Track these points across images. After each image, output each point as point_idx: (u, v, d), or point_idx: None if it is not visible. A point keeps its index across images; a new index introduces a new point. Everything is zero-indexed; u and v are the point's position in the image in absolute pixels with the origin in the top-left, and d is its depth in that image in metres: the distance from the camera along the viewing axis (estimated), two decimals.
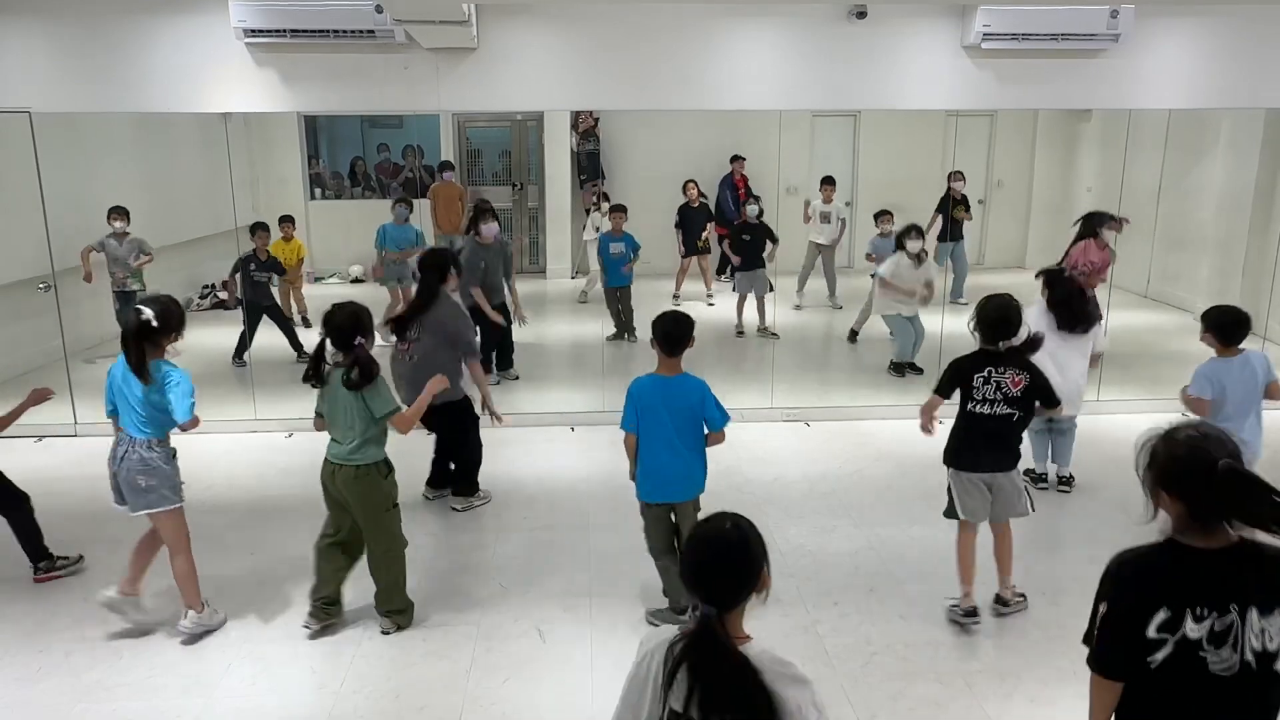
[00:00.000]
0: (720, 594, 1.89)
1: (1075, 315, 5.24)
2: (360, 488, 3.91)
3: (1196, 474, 1.98)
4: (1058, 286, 5.30)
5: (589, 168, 11.15)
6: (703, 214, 9.83)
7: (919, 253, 7.68)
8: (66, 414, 6.62)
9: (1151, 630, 1.99)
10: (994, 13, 6.33)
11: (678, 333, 3.91)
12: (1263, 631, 1.98)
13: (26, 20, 6.25)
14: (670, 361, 3.95)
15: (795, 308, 9.80)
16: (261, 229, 8.21)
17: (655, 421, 3.92)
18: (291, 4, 6.08)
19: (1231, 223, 9.10)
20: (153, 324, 3.78)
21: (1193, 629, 1.97)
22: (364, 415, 3.87)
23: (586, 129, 11.18)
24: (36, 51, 6.28)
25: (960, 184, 9.52)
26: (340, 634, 4.11)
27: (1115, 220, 6.63)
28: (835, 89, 6.68)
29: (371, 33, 6.17)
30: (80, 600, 4.40)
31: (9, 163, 6.64)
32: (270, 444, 6.56)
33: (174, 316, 3.88)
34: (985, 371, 3.98)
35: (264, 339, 8.13)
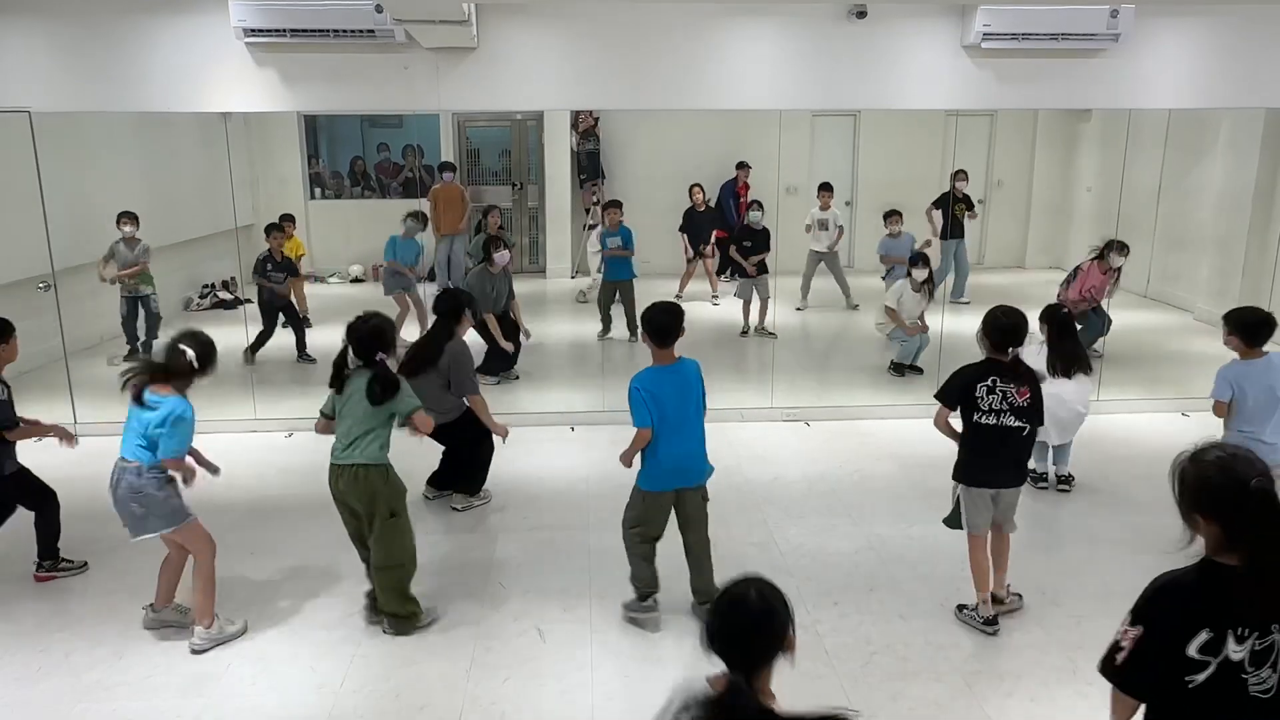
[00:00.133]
0: (747, 661, 1.94)
1: (1067, 362, 5.24)
2: (362, 489, 3.93)
3: (1228, 495, 1.97)
4: (1055, 324, 5.29)
5: (589, 167, 11.16)
6: (708, 218, 9.85)
7: (925, 281, 7.72)
8: (66, 414, 6.62)
9: (1193, 651, 1.97)
10: (994, 12, 6.33)
11: (667, 322, 3.93)
12: None
13: (26, 20, 6.25)
14: (664, 353, 3.98)
15: (797, 309, 9.80)
16: (277, 229, 8.24)
17: (673, 407, 3.94)
18: (291, 4, 6.07)
19: (1231, 223, 9.10)
20: (194, 365, 3.89)
21: (1235, 650, 1.96)
22: (379, 417, 3.91)
23: (586, 128, 11.19)
24: (36, 51, 6.28)
25: (963, 183, 9.54)
26: (340, 634, 4.11)
27: (1125, 248, 7.46)
28: (835, 89, 6.67)
29: (371, 32, 6.16)
30: (80, 600, 4.41)
31: (9, 163, 6.64)
32: (270, 444, 6.56)
33: (210, 360, 3.96)
34: (989, 381, 3.95)
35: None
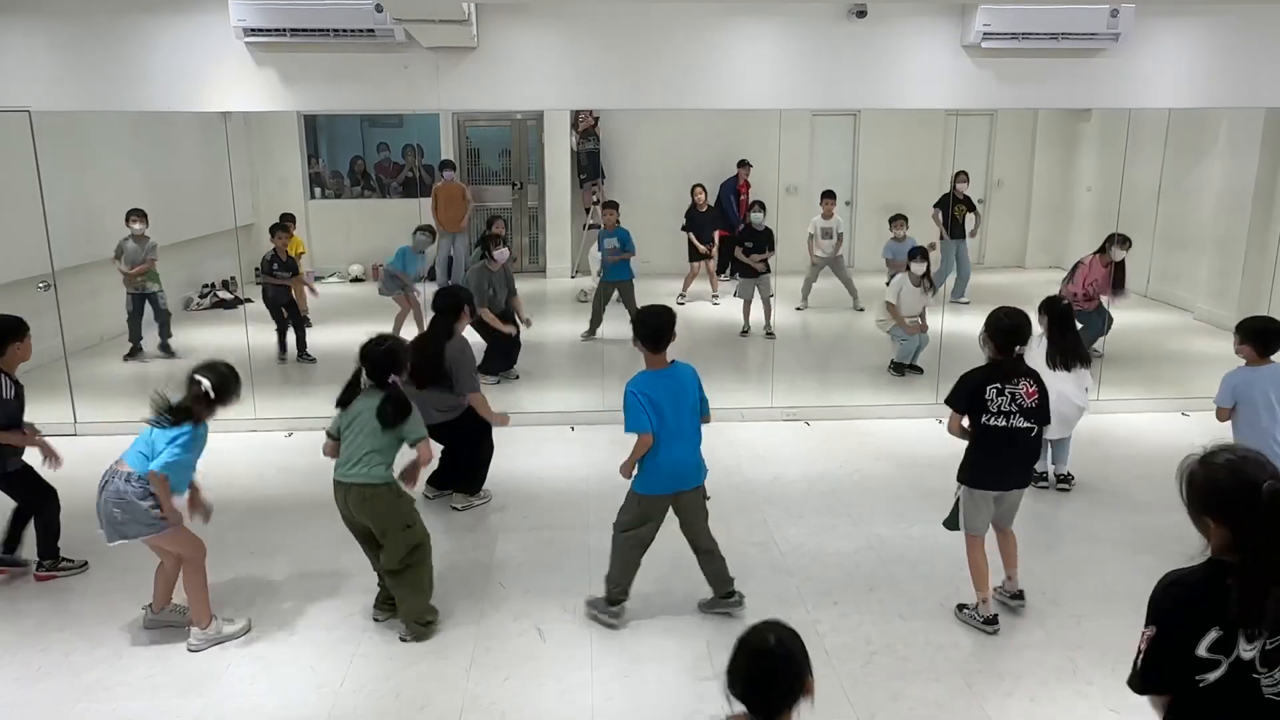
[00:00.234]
0: (768, 705, 1.98)
1: (1066, 354, 5.23)
2: (374, 508, 3.94)
3: (1239, 498, 1.96)
4: (1056, 316, 5.29)
5: (589, 167, 11.15)
6: (710, 218, 9.84)
7: (924, 275, 7.71)
8: (66, 413, 6.62)
9: (1203, 650, 1.97)
10: (994, 12, 6.33)
11: (659, 326, 3.95)
12: None
13: (26, 20, 6.25)
14: (657, 357, 3.99)
15: (797, 309, 9.80)
16: (281, 229, 8.24)
17: (670, 410, 3.94)
18: (291, 3, 6.07)
19: (1231, 223, 9.10)
20: (210, 395, 3.88)
21: (1246, 650, 1.96)
22: (381, 438, 3.91)
23: (586, 128, 11.18)
24: (36, 51, 6.28)
25: (964, 184, 9.55)
26: (340, 634, 4.11)
27: (1126, 241, 7.48)
28: (835, 88, 6.67)
29: (371, 32, 6.16)
30: (80, 600, 4.41)
31: (9, 162, 6.64)
32: (270, 444, 6.56)
33: (230, 392, 3.95)
34: (998, 383, 3.97)
35: (268, 338, 8.13)
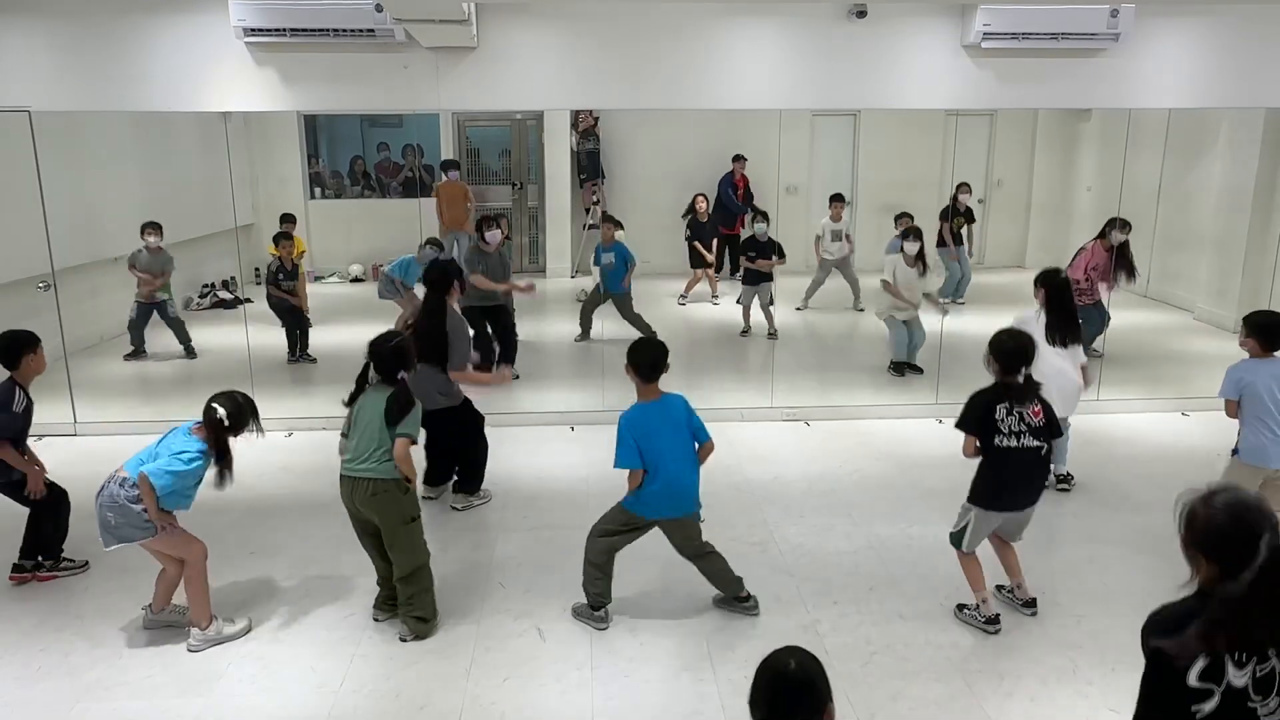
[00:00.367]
0: None
1: (1065, 321, 5.22)
2: (379, 504, 3.94)
3: (1236, 544, 1.98)
4: (1053, 288, 5.29)
5: (589, 167, 11.14)
6: (712, 229, 9.86)
7: (917, 254, 7.69)
8: (66, 413, 6.62)
9: (1193, 679, 1.98)
10: (994, 12, 6.33)
11: (651, 359, 3.98)
12: None
13: (26, 20, 6.25)
14: (649, 388, 4.02)
15: (797, 309, 9.79)
16: (285, 238, 8.24)
17: (661, 443, 3.96)
18: (291, 3, 6.07)
19: (1231, 223, 9.10)
20: (225, 423, 3.90)
21: (1236, 676, 1.97)
22: (385, 434, 3.92)
23: (586, 128, 11.17)
24: (36, 51, 6.28)
25: (966, 195, 9.54)
26: (340, 634, 4.11)
27: (1127, 225, 7.48)
28: (835, 88, 6.67)
29: (371, 32, 6.16)
30: (80, 600, 4.41)
31: (9, 162, 6.64)
32: (270, 443, 6.51)
33: (245, 421, 3.96)
34: (1006, 403, 3.96)
35: (267, 339, 8.13)
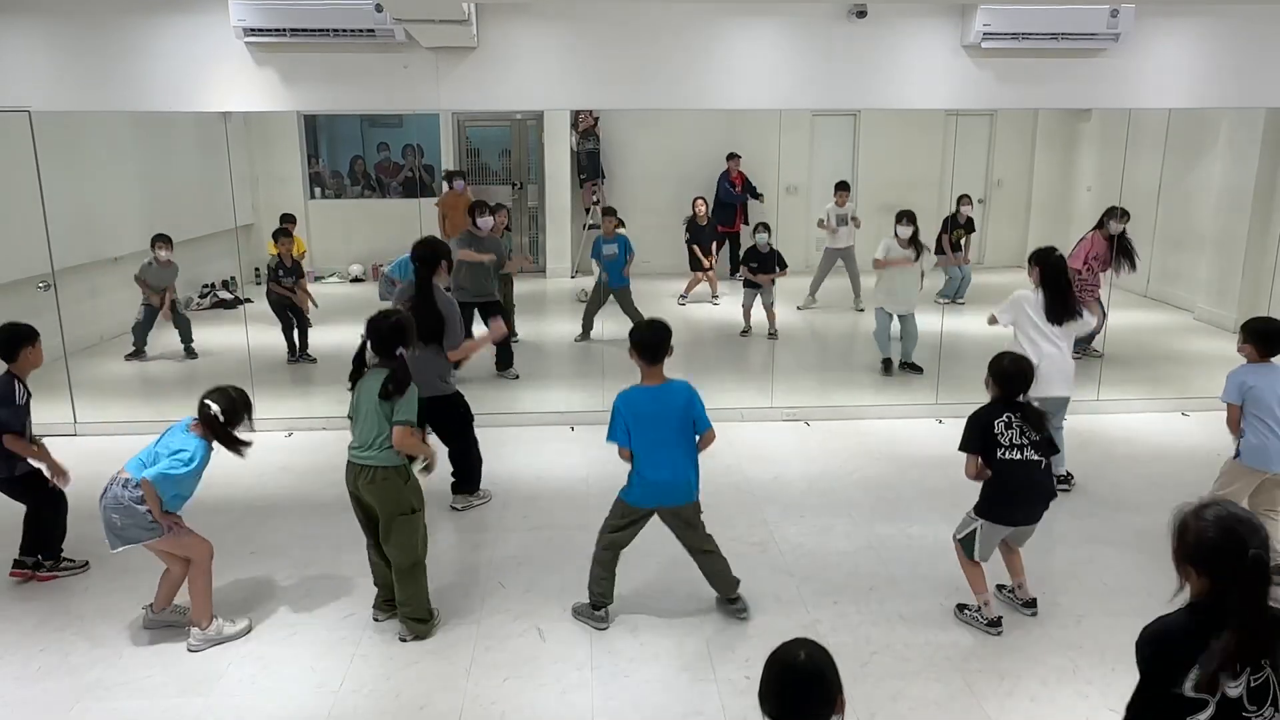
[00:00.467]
0: None
1: (1062, 300, 5.20)
2: (381, 491, 3.92)
3: (1225, 557, 2.00)
4: (1048, 267, 5.28)
5: (589, 167, 11.15)
6: (710, 229, 9.85)
7: (911, 238, 7.66)
8: (66, 413, 6.63)
9: (1188, 689, 2.00)
10: (994, 12, 6.33)
11: (654, 340, 3.93)
12: None
13: (26, 20, 6.25)
14: (653, 370, 3.97)
15: (798, 308, 9.79)
16: (285, 235, 8.23)
17: (653, 430, 3.93)
18: (291, 3, 6.07)
19: (1231, 223, 9.10)
20: (219, 418, 3.89)
21: (1231, 687, 1.99)
22: (388, 419, 3.91)
23: (586, 128, 11.18)
24: (36, 51, 6.28)
25: (968, 207, 9.55)
26: (340, 634, 4.11)
27: (1124, 213, 7.52)
28: (835, 88, 6.67)
29: (371, 32, 6.16)
30: (80, 600, 4.41)
31: (9, 162, 6.64)
32: (270, 443, 6.55)
33: (238, 414, 3.96)
34: (1005, 417, 3.97)
35: (267, 339, 8.14)
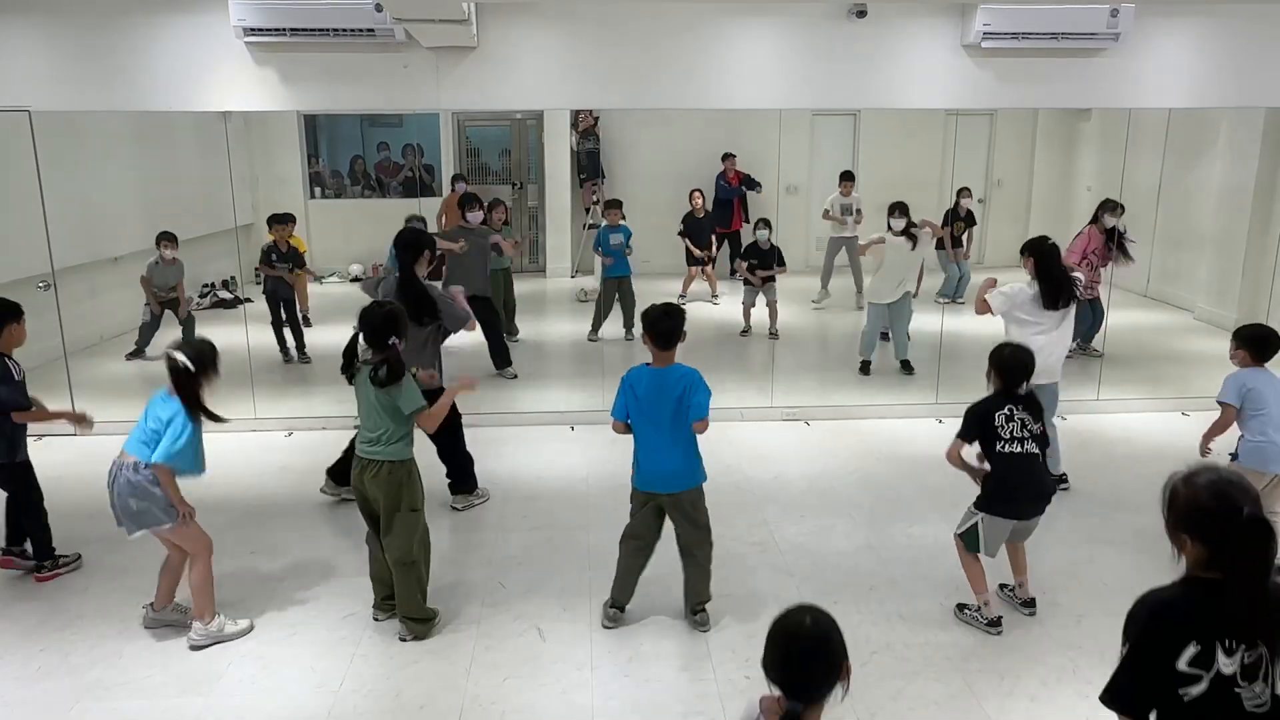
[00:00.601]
0: (805, 688, 1.98)
1: (1058, 288, 5.18)
2: (386, 485, 3.93)
3: (1218, 520, 1.98)
4: (1041, 256, 5.26)
5: (589, 166, 11.14)
6: (707, 224, 9.85)
7: (904, 229, 7.65)
8: None
9: (1183, 664, 1.99)
10: (994, 12, 6.33)
11: (668, 326, 3.90)
12: None
13: (26, 20, 6.24)
14: (664, 355, 3.95)
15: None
16: (279, 221, 8.23)
17: (652, 413, 3.92)
18: (291, 3, 6.06)
19: (1231, 222, 9.10)
20: (189, 369, 3.89)
21: (1225, 664, 1.98)
22: (390, 412, 3.90)
23: (586, 128, 11.17)
24: (36, 51, 6.28)
25: (968, 200, 9.55)
26: (340, 634, 4.11)
27: (1117, 206, 7.61)
28: (835, 88, 6.67)
29: (371, 31, 6.16)
30: (80, 600, 4.41)
31: (9, 162, 6.64)
32: (270, 443, 6.56)
33: (207, 362, 3.97)
34: (1006, 409, 3.97)
35: (268, 338, 8.14)
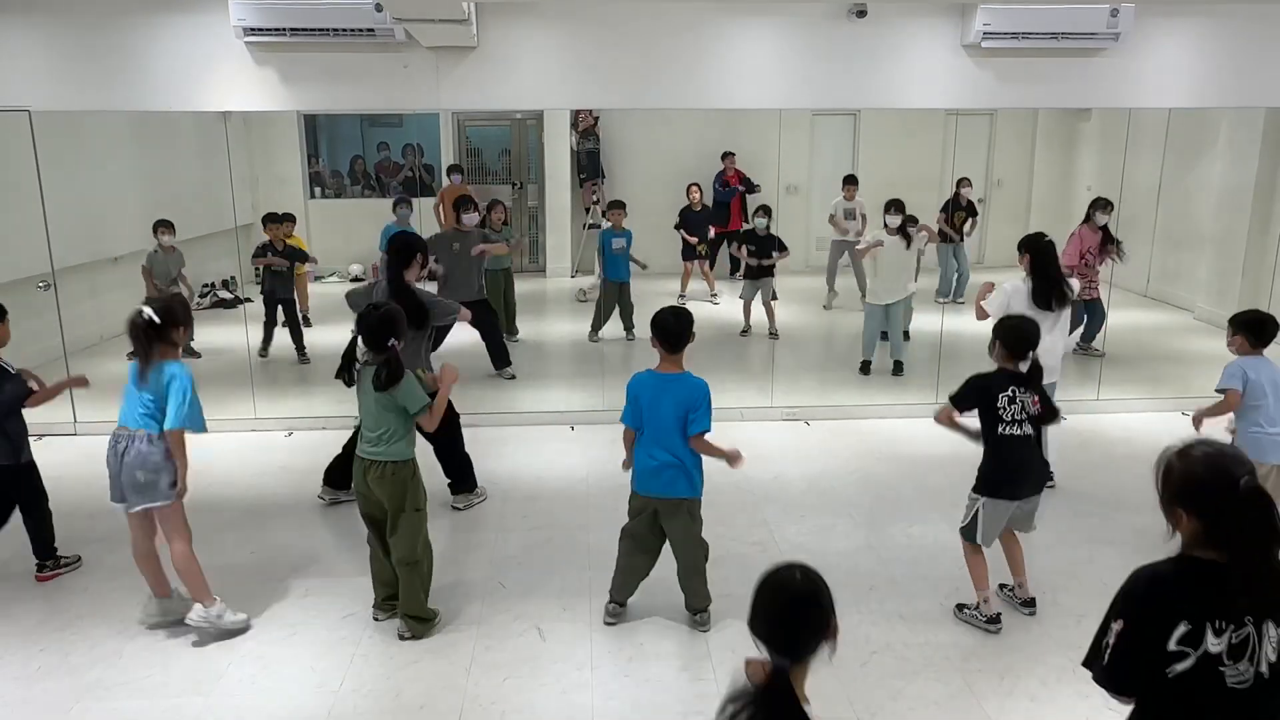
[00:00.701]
0: (792, 644, 1.95)
1: (1050, 287, 5.17)
2: (390, 486, 3.94)
3: (1214, 492, 1.97)
4: (1038, 253, 5.26)
5: (589, 166, 11.14)
6: (703, 216, 9.85)
7: (900, 227, 7.67)
8: (66, 413, 6.62)
9: (1172, 644, 1.99)
10: (994, 11, 6.33)
11: (677, 328, 3.90)
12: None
13: (26, 20, 6.25)
14: (672, 359, 3.94)
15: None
16: (273, 220, 8.21)
17: (653, 417, 3.92)
18: (291, 3, 6.06)
19: (1231, 222, 9.10)
20: (155, 320, 3.82)
21: (1214, 643, 1.97)
22: (392, 413, 3.91)
23: (586, 127, 11.17)
24: (36, 51, 6.28)
25: (968, 190, 9.55)
26: (340, 634, 4.11)
27: (1109, 205, 7.71)
28: (835, 88, 6.67)
29: (371, 31, 6.16)
30: (80, 600, 4.41)
31: (9, 162, 6.64)
32: (270, 443, 6.56)
33: (176, 311, 3.91)
34: (1010, 391, 3.97)
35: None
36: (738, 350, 8.80)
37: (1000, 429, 3.98)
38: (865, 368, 7.96)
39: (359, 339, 3.96)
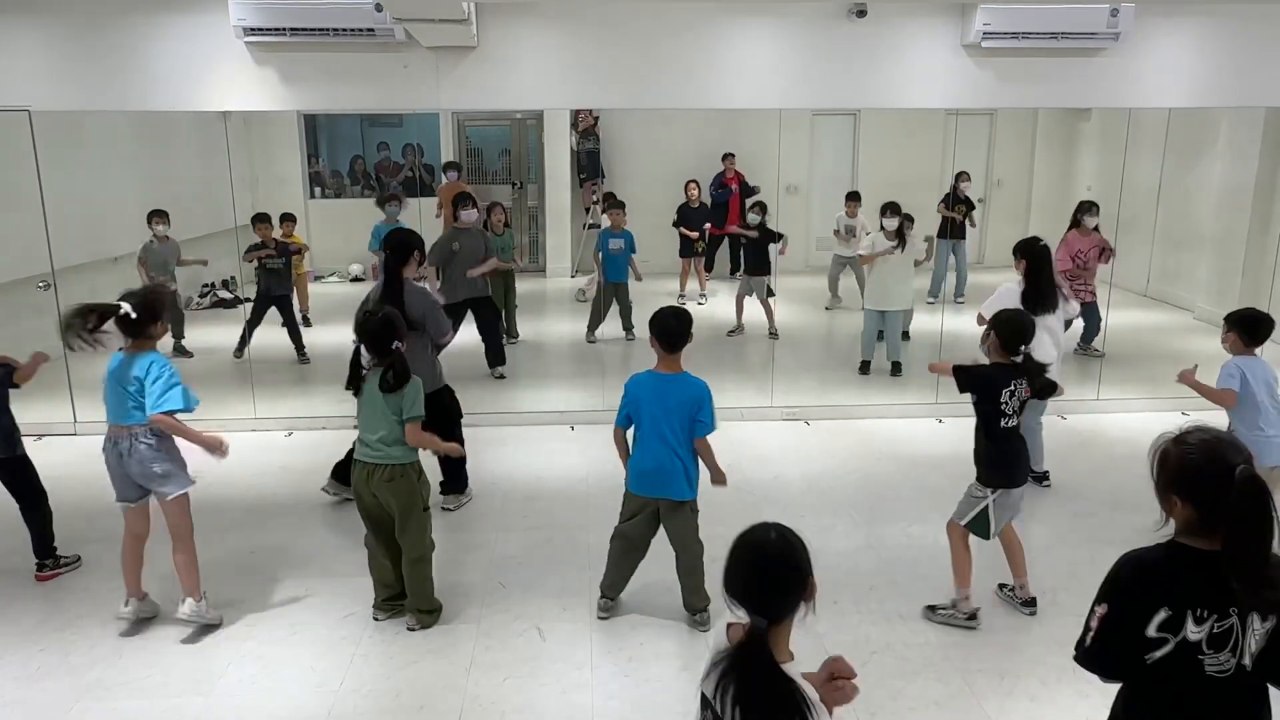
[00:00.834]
0: (769, 604, 1.91)
1: (1040, 294, 5.21)
2: (395, 488, 3.94)
3: (1210, 479, 1.95)
4: (1033, 257, 5.27)
5: (589, 166, 11.14)
6: (701, 214, 9.85)
7: (897, 229, 7.66)
8: (66, 413, 6.63)
9: (1152, 629, 1.99)
10: (994, 11, 6.33)
11: (677, 329, 3.91)
12: (1267, 635, 1.99)
13: (26, 20, 6.25)
14: (670, 359, 3.94)
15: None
16: (263, 221, 8.17)
17: (651, 418, 3.92)
18: (291, 2, 6.07)
19: (1231, 222, 9.10)
20: (131, 316, 3.82)
21: (1193, 631, 1.97)
22: (396, 415, 3.91)
23: (586, 127, 11.17)
24: (36, 51, 6.28)
25: (966, 184, 9.55)
26: (340, 634, 4.11)
27: (1095, 207, 7.82)
28: (835, 87, 6.67)
29: (371, 31, 6.16)
30: (80, 600, 4.41)
31: (9, 162, 6.64)
32: (270, 443, 6.56)
33: (152, 305, 3.90)
34: (1012, 385, 4.01)
35: (266, 337, 8.13)
36: (737, 350, 8.79)
37: (1003, 422, 4.03)
38: (865, 368, 7.97)
39: (362, 347, 3.98)
